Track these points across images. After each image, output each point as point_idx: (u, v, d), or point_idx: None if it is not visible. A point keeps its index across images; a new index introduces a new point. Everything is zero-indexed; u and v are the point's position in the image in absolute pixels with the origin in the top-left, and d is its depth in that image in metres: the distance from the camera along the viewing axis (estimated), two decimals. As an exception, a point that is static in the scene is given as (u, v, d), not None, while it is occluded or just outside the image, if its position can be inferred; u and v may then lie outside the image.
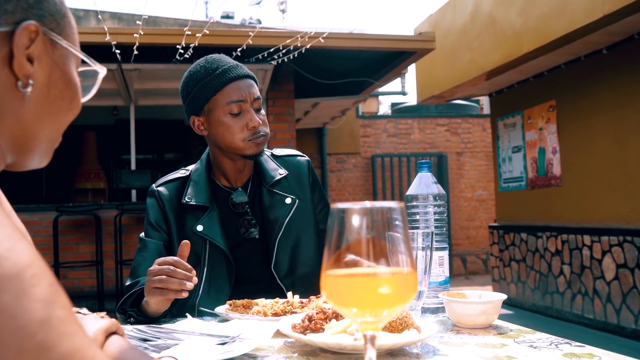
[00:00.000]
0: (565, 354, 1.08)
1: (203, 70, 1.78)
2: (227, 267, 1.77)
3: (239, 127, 1.75)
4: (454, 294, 1.39)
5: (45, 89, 0.73)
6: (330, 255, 0.66)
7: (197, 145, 11.24)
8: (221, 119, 1.76)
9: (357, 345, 1.05)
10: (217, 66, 1.77)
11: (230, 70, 1.77)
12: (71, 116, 0.79)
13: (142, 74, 7.07)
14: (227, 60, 1.81)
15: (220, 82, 1.75)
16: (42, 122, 0.73)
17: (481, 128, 11.86)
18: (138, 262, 1.78)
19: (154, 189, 1.88)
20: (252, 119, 1.75)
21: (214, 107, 1.77)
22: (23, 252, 0.49)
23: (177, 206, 1.83)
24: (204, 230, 1.77)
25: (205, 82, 1.76)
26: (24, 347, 0.45)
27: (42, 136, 0.75)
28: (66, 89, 0.76)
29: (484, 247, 11.47)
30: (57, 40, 0.74)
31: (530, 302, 7.41)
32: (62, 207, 6.70)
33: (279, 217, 1.83)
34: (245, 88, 1.76)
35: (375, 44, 6.93)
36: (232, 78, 1.75)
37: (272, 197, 1.86)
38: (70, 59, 0.77)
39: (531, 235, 7.37)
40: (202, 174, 1.86)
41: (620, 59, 5.87)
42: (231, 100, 1.74)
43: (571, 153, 6.66)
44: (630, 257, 5.66)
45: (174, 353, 1.04)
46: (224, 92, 1.75)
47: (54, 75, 0.74)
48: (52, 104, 0.74)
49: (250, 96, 1.76)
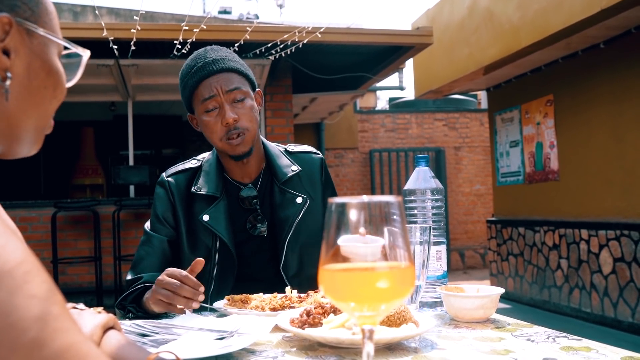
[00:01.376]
0: (563, 347, 1.08)
1: (186, 69, 1.77)
2: (231, 261, 1.76)
3: (216, 124, 1.71)
4: (451, 288, 1.40)
5: (25, 80, 0.71)
6: (328, 250, 0.66)
7: (195, 141, 11.23)
8: (201, 117, 1.74)
9: (355, 339, 1.05)
10: (194, 64, 1.74)
11: (202, 68, 1.72)
12: (56, 103, 0.78)
13: (139, 70, 7.06)
14: (205, 56, 1.75)
15: (193, 82, 1.73)
16: (26, 112, 0.72)
17: (479, 123, 11.86)
18: (140, 256, 1.76)
19: (164, 179, 1.84)
20: (225, 115, 1.69)
21: (195, 105, 1.76)
22: (14, 249, 0.49)
23: (187, 196, 1.80)
24: (210, 221, 1.74)
25: (185, 82, 1.76)
26: (17, 343, 0.45)
27: (27, 125, 0.73)
28: (48, 78, 0.74)
29: (481, 241, 11.48)
30: (34, 30, 0.72)
31: (527, 296, 7.43)
32: (60, 203, 6.69)
33: (289, 216, 1.79)
34: (217, 82, 1.70)
35: (372, 38, 6.91)
36: (202, 77, 1.71)
37: (283, 195, 1.82)
38: (50, 47, 0.75)
39: (529, 229, 7.38)
40: (213, 165, 1.83)
41: (618, 53, 5.87)
42: (203, 98, 1.71)
43: (569, 147, 6.66)
44: (628, 251, 5.67)
45: (172, 348, 1.04)
46: (198, 91, 1.73)
47: (34, 65, 0.72)
48: (34, 94, 0.73)
49: (221, 89, 1.70)
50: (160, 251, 1.76)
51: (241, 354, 1.09)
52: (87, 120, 10.23)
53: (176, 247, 1.79)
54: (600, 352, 1.04)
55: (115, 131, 10.22)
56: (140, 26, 5.58)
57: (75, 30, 6.18)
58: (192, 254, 1.76)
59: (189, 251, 1.77)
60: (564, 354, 1.03)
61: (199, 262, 1.44)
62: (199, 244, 1.76)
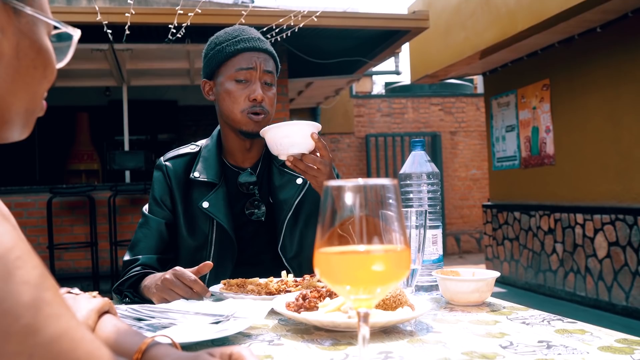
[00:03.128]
0: (557, 330, 1.09)
1: (224, 36, 1.78)
2: (231, 247, 1.76)
3: (241, 95, 1.72)
4: (447, 272, 1.40)
5: (14, 60, 0.69)
6: (323, 233, 0.66)
7: (191, 126, 11.20)
8: (226, 84, 1.73)
9: (351, 322, 1.06)
10: (238, 34, 1.76)
11: (249, 40, 1.75)
12: (46, 84, 0.75)
13: (134, 54, 7.02)
14: (250, 32, 1.79)
15: (234, 49, 1.73)
16: (16, 94, 0.70)
17: (475, 107, 11.86)
18: (138, 238, 1.76)
19: (162, 163, 1.84)
20: (255, 90, 1.71)
21: (223, 71, 1.75)
22: (4, 234, 0.48)
23: (185, 182, 1.80)
24: (210, 208, 1.74)
25: (222, 47, 1.75)
26: (10, 330, 0.44)
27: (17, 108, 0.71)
28: (38, 57, 0.72)
29: (477, 226, 11.52)
30: (21, 8, 0.69)
31: (523, 280, 7.47)
32: (56, 188, 6.68)
33: (288, 197, 1.80)
34: (258, 58, 1.74)
35: (368, 22, 6.88)
36: (247, 48, 1.74)
37: (282, 176, 1.82)
38: (39, 26, 0.73)
39: (524, 214, 7.40)
40: (212, 151, 1.83)
41: (615, 37, 5.86)
42: (240, 67, 1.72)
43: (564, 132, 6.67)
44: (622, 235, 5.70)
45: (168, 332, 1.04)
46: (236, 59, 1.73)
47: (23, 44, 0.70)
48: (24, 75, 0.70)
49: (261, 66, 1.73)
50: (158, 233, 1.77)
51: (237, 338, 1.09)
52: (82, 105, 10.18)
53: (173, 229, 1.80)
54: (594, 334, 1.05)
55: (110, 116, 10.18)
56: (135, 10, 5.53)
57: (69, 15, 6.13)
58: (190, 238, 1.77)
59: (186, 235, 1.77)
60: (559, 337, 1.03)
61: (206, 265, 1.44)
62: (197, 230, 1.77)
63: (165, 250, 1.77)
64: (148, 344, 0.80)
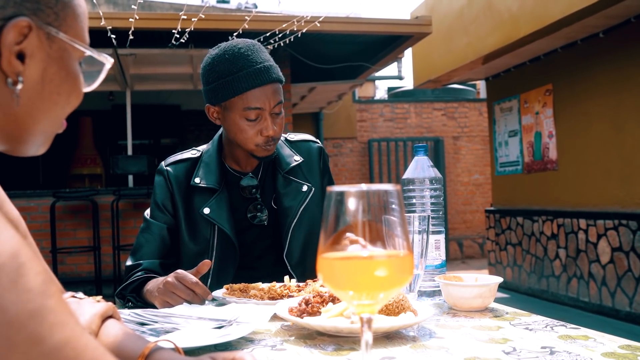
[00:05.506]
0: (561, 336, 1.08)
1: (227, 67, 1.67)
2: (232, 252, 1.76)
3: (253, 132, 1.69)
4: (450, 277, 1.40)
5: (38, 85, 0.69)
6: (326, 238, 0.66)
7: (193, 130, 11.21)
8: (236, 120, 1.69)
9: (354, 328, 1.06)
10: (242, 66, 1.66)
11: (257, 75, 1.66)
12: (69, 109, 0.75)
13: (137, 59, 7.03)
14: (255, 59, 1.68)
15: (242, 87, 1.65)
16: (35, 117, 0.70)
17: (478, 112, 11.85)
18: (140, 243, 1.77)
19: (163, 168, 1.84)
20: (267, 128, 1.68)
21: (231, 106, 1.69)
22: (7, 241, 0.48)
23: (186, 187, 1.80)
24: (211, 214, 1.75)
25: (227, 81, 1.66)
26: (15, 340, 0.44)
27: (36, 130, 0.72)
28: (63, 84, 0.72)
29: (480, 231, 11.50)
30: (55, 34, 0.69)
31: (526, 286, 7.45)
32: (59, 192, 6.69)
33: (294, 204, 1.80)
34: (267, 96, 1.67)
35: (371, 28, 6.89)
36: (255, 85, 1.66)
37: (288, 184, 1.83)
38: (70, 52, 0.72)
39: (527, 219, 7.39)
40: (213, 156, 1.83)
41: (617, 42, 5.85)
42: (249, 107, 1.66)
43: (567, 137, 6.66)
44: (626, 241, 5.68)
45: (171, 337, 1.04)
46: (244, 97, 1.66)
47: (50, 70, 0.70)
48: (46, 100, 0.70)
49: (271, 103, 1.68)
50: (160, 238, 1.77)
51: (240, 343, 1.09)
52: (85, 109, 10.18)
53: (175, 234, 1.80)
54: (598, 340, 1.05)
55: (113, 121, 10.20)
56: (139, 15, 5.56)
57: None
58: (191, 243, 1.77)
59: (188, 240, 1.78)
60: (562, 343, 1.03)
61: (205, 264, 1.45)
62: (198, 235, 1.77)
63: (168, 254, 1.78)
64: (151, 349, 0.80)
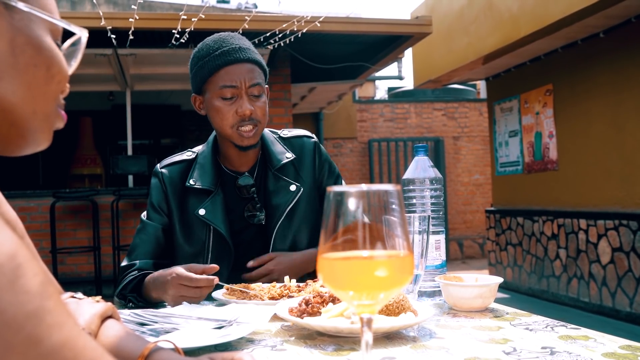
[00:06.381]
0: (561, 336, 1.08)
1: (205, 49, 1.73)
2: (227, 253, 1.77)
3: (229, 112, 1.70)
4: (450, 278, 1.40)
5: (10, 57, 0.67)
6: (326, 239, 0.66)
7: (194, 130, 11.21)
8: (213, 101, 1.72)
9: (354, 328, 1.05)
10: (219, 46, 1.71)
11: (229, 52, 1.70)
12: (54, 85, 0.73)
13: (137, 59, 7.03)
14: (232, 42, 1.73)
15: (215, 65, 1.70)
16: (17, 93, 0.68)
17: (478, 112, 11.85)
18: (136, 244, 1.78)
19: (158, 170, 1.85)
20: (242, 106, 1.69)
21: (208, 88, 1.73)
22: (5, 242, 0.47)
23: (181, 189, 1.81)
24: (206, 215, 1.75)
25: (204, 62, 1.72)
26: (13, 342, 0.44)
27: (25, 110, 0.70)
28: (37, 55, 0.70)
29: (480, 231, 11.50)
30: (13, 4, 0.67)
31: (526, 286, 7.45)
32: (59, 192, 6.69)
33: (281, 203, 1.80)
34: (241, 73, 1.70)
35: (371, 28, 6.89)
36: (228, 61, 1.69)
37: (277, 182, 1.82)
38: (36, 24, 0.70)
39: (527, 219, 7.39)
40: (208, 157, 1.83)
41: (618, 42, 5.85)
42: (224, 84, 1.69)
43: (568, 137, 6.66)
44: (626, 241, 5.68)
45: (171, 337, 1.04)
46: (218, 75, 1.70)
47: (18, 40, 0.68)
48: (24, 73, 0.68)
49: (245, 82, 1.69)
50: (155, 239, 1.78)
51: (240, 343, 1.09)
52: (85, 110, 10.20)
53: (170, 235, 1.81)
54: (598, 340, 1.04)
55: (113, 121, 10.21)
56: (139, 15, 5.56)
57: (73, 20, 6.12)
58: (186, 244, 1.78)
59: (183, 242, 1.79)
60: (562, 343, 1.03)
61: (212, 268, 1.48)
62: (193, 236, 1.78)
63: (162, 255, 1.78)
64: (151, 349, 0.80)
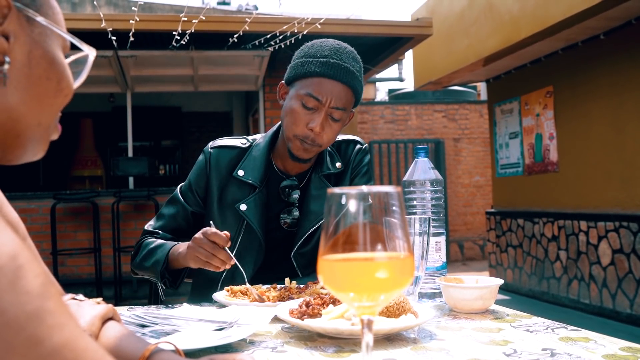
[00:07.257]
0: (561, 338, 1.08)
1: (317, 50, 1.68)
2: (258, 251, 1.75)
3: (302, 120, 1.65)
4: (451, 279, 1.40)
5: (26, 68, 0.69)
6: (327, 240, 0.66)
7: (194, 132, 11.22)
8: (294, 101, 1.66)
9: (355, 330, 1.05)
10: (327, 54, 1.66)
11: (334, 67, 1.64)
12: (61, 98, 0.75)
13: (138, 61, 7.04)
14: (343, 59, 1.67)
15: (315, 71, 1.64)
16: (28, 104, 0.70)
17: (478, 114, 11.85)
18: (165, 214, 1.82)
19: (208, 150, 1.82)
20: (315, 121, 1.63)
21: (297, 86, 1.67)
22: (6, 243, 0.47)
23: (226, 176, 1.78)
24: (247, 211, 1.73)
25: (309, 61, 1.66)
26: (14, 342, 0.44)
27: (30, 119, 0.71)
28: (51, 68, 0.72)
29: (481, 233, 11.49)
30: (34, 17, 0.69)
31: (526, 288, 7.44)
32: (60, 194, 6.69)
33: (319, 211, 1.76)
34: (332, 92, 1.63)
35: (372, 29, 6.89)
36: (328, 75, 1.63)
37: (320, 188, 1.79)
38: (51, 38, 0.72)
39: (528, 221, 7.39)
40: (262, 151, 1.78)
41: (618, 44, 5.85)
42: (311, 93, 1.63)
43: (568, 139, 6.66)
44: (626, 243, 5.68)
45: (172, 339, 1.04)
46: (312, 81, 1.64)
47: (35, 53, 0.70)
48: (36, 85, 0.70)
49: (331, 101, 1.63)
50: (182, 219, 1.81)
51: (240, 345, 1.09)
52: (86, 111, 10.21)
53: (199, 219, 1.81)
54: (598, 342, 1.04)
55: (114, 122, 10.21)
56: (139, 17, 5.56)
57: (74, 22, 6.16)
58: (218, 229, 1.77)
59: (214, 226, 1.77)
60: (563, 344, 1.03)
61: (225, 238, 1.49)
62: (226, 225, 1.74)
63: (182, 236, 1.78)
64: (151, 351, 0.80)
